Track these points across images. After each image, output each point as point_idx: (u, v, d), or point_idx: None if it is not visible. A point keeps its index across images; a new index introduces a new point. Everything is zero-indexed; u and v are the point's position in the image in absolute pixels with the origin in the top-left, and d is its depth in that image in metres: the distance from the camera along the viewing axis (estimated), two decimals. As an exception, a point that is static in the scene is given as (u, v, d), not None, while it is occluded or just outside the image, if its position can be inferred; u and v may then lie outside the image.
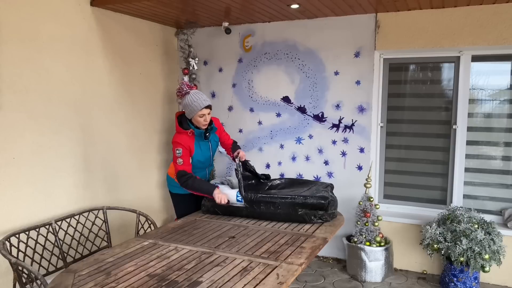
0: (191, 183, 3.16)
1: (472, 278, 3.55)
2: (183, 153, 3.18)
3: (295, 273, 2.18)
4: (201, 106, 3.11)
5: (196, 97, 3.14)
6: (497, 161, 3.95)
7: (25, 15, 3.12)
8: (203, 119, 3.17)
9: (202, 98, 3.15)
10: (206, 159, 3.37)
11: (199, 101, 3.12)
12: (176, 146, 3.20)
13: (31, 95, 3.19)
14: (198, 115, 3.14)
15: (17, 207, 3.13)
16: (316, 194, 3.05)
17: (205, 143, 3.33)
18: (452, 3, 3.62)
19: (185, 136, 3.21)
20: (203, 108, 3.12)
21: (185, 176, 3.17)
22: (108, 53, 3.89)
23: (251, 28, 4.53)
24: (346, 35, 4.14)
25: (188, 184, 3.16)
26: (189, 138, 3.22)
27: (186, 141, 3.20)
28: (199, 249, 2.53)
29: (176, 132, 3.28)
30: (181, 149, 3.18)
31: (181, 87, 3.19)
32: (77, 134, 3.60)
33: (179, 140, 3.20)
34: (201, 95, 3.17)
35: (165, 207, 4.79)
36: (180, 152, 3.18)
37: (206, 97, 3.18)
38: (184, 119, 3.26)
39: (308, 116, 4.39)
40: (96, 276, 2.15)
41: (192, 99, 3.13)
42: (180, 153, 3.18)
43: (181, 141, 3.19)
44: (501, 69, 3.88)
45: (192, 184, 3.16)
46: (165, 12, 3.99)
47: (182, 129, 3.23)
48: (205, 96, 3.18)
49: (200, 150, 3.30)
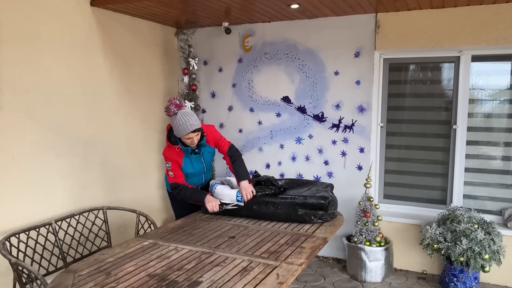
0: (183, 194, 3.21)
1: (472, 278, 3.55)
2: (172, 167, 3.17)
3: (295, 273, 2.18)
4: (186, 132, 2.94)
5: (183, 120, 2.93)
6: (497, 161, 3.95)
7: (25, 15, 3.12)
8: (189, 141, 3.04)
9: (189, 122, 2.93)
10: (198, 170, 3.32)
11: (185, 125, 2.92)
12: (166, 160, 3.20)
13: (31, 95, 3.19)
14: (184, 137, 3.01)
15: (17, 207, 3.13)
16: (316, 194, 3.05)
17: (196, 157, 3.25)
18: (452, 3, 3.62)
19: (173, 151, 3.15)
20: (189, 133, 2.96)
21: (177, 188, 3.21)
22: (108, 53, 3.89)
23: (251, 28, 4.53)
24: (346, 35, 4.14)
25: (181, 195, 3.21)
26: (177, 153, 3.16)
27: (174, 156, 3.16)
28: (199, 249, 2.53)
29: (166, 145, 3.22)
30: (170, 163, 3.17)
31: (169, 106, 2.96)
32: (77, 134, 3.60)
33: (168, 154, 3.17)
34: (189, 118, 2.94)
35: (165, 207, 4.79)
36: (170, 166, 3.17)
37: (194, 120, 2.96)
38: (173, 134, 3.11)
39: (308, 116, 4.39)
40: (96, 276, 2.15)
41: (178, 122, 2.94)
42: (170, 167, 3.18)
43: (170, 155, 3.16)
44: (501, 69, 3.88)
45: (184, 195, 3.21)
46: (165, 12, 3.99)
47: (170, 143, 3.15)
48: (193, 119, 2.96)
49: (191, 163, 3.23)
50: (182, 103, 3.00)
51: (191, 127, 2.95)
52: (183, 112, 2.96)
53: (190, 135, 2.98)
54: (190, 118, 2.95)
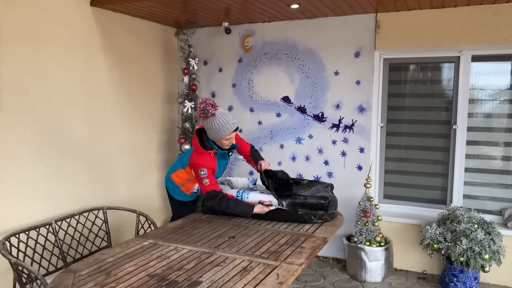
0: (226, 206, 2.99)
1: (472, 278, 3.55)
2: (208, 173, 2.95)
3: (295, 273, 2.18)
4: (230, 131, 2.84)
5: (224, 119, 2.82)
6: (497, 161, 3.95)
7: (25, 15, 3.12)
8: (228, 142, 2.93)
9: (230, 120, 2.85)
10: (220, 174, 3.25)
11: (227, 124, 2.82)
12: (200, 167, 2.95)
13: (31, 95, 3.19)
14: (224, 138, 2.89)
15: (17, 207, 3.13)
16: (316, 194, 3.04)
17: (223, 161, 3.18)
18: (452, 3, 3.62)
19: (208, 157, 2.98)
20: (232, 132, 2.87)
21: (217, 197, 2.98)
22: (108, 53, 3.89)
23: (251, 28, 4.53)
24: (346, 35, 4.14)
25: (222, 206, 3.00)
26: (212, 159, 3.01)
27: (209, 163, 2.98)
28: (199, 249, 2.53)
29: (196, 151, 3.01)
30: (205, 170, 2.94)
31: (205, 108, 2.79)
32: (77, 134, 3.60)
33: (202, 162, 2.96)
34: (228, 117, 2.86)
35: (165, 207, 4.79)
36: (205, 173, 2.94)
37: (232, 118, 2.89)
38: (205, 138, 2.98)
39: (308, 116, 4.39)
40: (96, 276, 2.15)
41: (220, 123, 2.82)
42: (205, 174, 2.95)
43: (205, 162, 2.96)
44: (501, 69, 3.88)
45: (228, 206, 2.99)
46: (165, 12, 3.99)
47: (204, 149, 2.97)
48: (231, 117, 2.88)
49: (219, 167, 3.14)
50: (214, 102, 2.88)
51: (233, 125, 2.86)
52: (220, 112, 2.86)
53: (231, 134, 2.88)
54: (228, 117, 2.86)
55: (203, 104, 2.82)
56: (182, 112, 4.54)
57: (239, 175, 4.70)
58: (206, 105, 2.80)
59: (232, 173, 4.79)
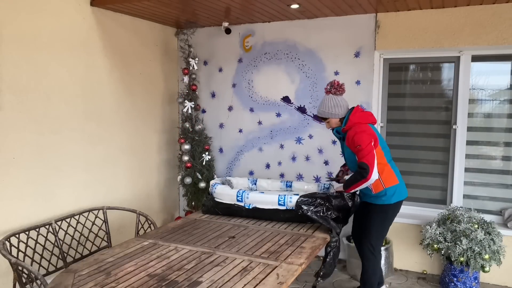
0: None
1: (472, 278, 3.55)
2: None
3: (295, 273, 2.18)
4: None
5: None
6: (497, 161, 3.94)
7: (25, 15, 3.12)
8: None
9: (319, 107, 3.16)
10: (346, 159, 3.22)
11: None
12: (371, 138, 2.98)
13: (31, 95, 3.19)
14: None
15: (17, 207, 3.13)
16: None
17: (341, 142, 3.24)
18: (452, 3, 3.62)
19: None
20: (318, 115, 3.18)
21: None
22: (108, 53, 3.89)
23: (251, 28, 4.53)
24: (346, 35, 4.14)
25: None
26: None
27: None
28: (199, 249, 2.53)
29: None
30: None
31: (342, 86, 3.10)
32: (77, 134, 3.60)
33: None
34: (320, 103, 3.15)
35: (165, 207, 4.79)
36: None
37: (324, 107, 3.10)
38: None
39: (308, 116, 4.39)
40: (96, 276, 2.15)
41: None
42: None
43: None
44: (501, 69, 3.88)
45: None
46: (165, 12, 3.99)
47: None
48: (325, 105, 3.10)
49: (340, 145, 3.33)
50: (332, 88, 3.09)
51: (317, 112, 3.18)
52: (328, 97, 3.11)
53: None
54: (321, 104, 3.13)
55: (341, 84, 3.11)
56: (182, 112, 4.54)
57: (239, 175, 4.70)
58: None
59: (232, 173, 4.79)
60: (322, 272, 2.89)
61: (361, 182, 2.87)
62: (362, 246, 3.16)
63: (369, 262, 3.16)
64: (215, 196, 3.40)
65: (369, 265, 3.16)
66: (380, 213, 3.07)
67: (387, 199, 3.01)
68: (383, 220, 3.09)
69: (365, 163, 2.83)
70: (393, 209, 3.08)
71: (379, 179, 2.95)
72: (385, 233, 3.17)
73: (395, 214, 3.14)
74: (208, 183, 4.39)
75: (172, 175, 4.86)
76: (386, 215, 3.08)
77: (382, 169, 2.98)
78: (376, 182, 2.95)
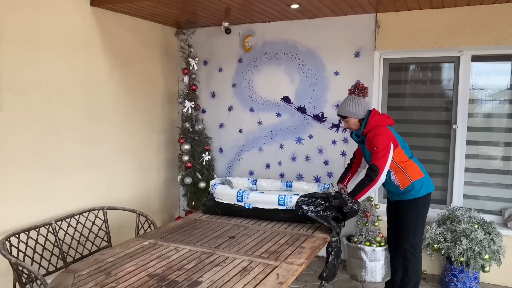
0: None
1: (472, 278, 3.55)
2: None
3: (295, 273, 2.18)
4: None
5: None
6: (497, 161, 3.95)
7: (25, 15, 3.12)
8: None
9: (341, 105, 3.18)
10: (367, 161, 3.18)
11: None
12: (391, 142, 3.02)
13: (31, 95, 3.19)
14: None
15: (17, 207, 3.13)
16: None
17: (361, 146, 3.24)
18: (452, 3, 3.62)
19: None
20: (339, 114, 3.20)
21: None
22: (108, 53, 3.89)
23: (251, 28, 4.53)
24: (346, 35, 4.13)
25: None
26: None
27: None
28: (199, 249, 2.53)
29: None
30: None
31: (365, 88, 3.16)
32: (77, 134, 3.60)
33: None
34: (342, 103, 3.18)
35: (165, 207, 4.79)
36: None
37: (342, 105, 3.15)
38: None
39: (308, 116, 4.39)
40: (96, 276, 2.15)
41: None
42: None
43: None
44: (501, 69, 3.88)
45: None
46: (165, 12, 3.99)
47: None
48: (343, 104, 3.15)
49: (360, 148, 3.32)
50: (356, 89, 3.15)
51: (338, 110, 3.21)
52: (351, 97, 3.16)
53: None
54: (342, 103, 3.17)
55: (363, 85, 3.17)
56: (182, 112, 4.54)
57: (239, 175, 4.70)
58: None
59: (232, 173, 4.79)
60: (326, 273, 2.88)
61: (369, 186, 2.90)
62: (403, 250, 3.12)
63: (410, 264, 3.11)
64: (215, 196, 3.40)
65: (410, 266, 3.12)
66: (412, 209, 3.07)
67: (416, 193, 3.03)
68: (416, 216, 3.08)
69: (376, 165, 2.87)
70: (423, 202, 3.08)
71: (405, 175, 3.00)
72: (420, 230, 3.12)
73: (426, 209, 3.13)
74: (208, 183, 4.39)
75: (172, 175, 4.86)
76: (418, 210, 3.08)
77: (405, 166, 3.02)
78: (403, 178, 3.01)
